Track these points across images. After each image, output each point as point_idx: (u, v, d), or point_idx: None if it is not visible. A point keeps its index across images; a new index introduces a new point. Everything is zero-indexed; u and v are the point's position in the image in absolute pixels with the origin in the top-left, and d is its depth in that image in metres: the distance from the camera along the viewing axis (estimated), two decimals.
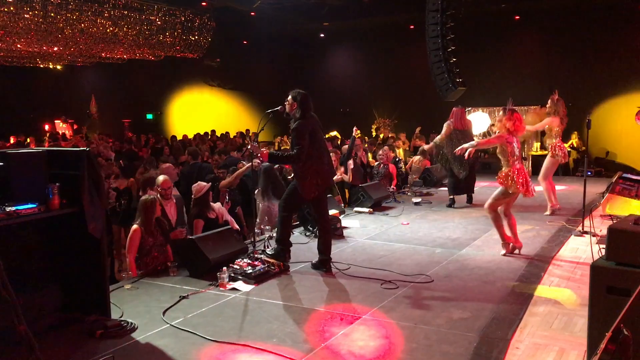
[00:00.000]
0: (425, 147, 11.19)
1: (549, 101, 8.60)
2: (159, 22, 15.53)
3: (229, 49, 19.60)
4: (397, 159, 11.95)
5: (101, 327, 4.38)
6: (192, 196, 6.95)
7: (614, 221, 4.62)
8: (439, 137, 9.79)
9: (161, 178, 6.64)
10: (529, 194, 6.34)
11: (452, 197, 9.66)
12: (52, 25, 13.73)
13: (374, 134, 17.09)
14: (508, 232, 6.54)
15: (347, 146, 10.25)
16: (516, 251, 6.46)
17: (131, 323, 4.53)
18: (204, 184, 6.97)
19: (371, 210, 9.21)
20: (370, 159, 12.01)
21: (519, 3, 14.92)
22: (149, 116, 23.15)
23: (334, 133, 15.70)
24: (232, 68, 20.24)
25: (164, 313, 4.82)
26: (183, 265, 5.95)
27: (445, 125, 9.72)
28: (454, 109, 9.92)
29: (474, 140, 7.77)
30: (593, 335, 3.55)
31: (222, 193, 7.43)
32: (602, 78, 14.74)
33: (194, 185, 7.02)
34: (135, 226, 5.87)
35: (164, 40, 16.26)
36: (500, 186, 6.36)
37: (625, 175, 4.96)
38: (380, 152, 11.22)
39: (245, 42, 19.91)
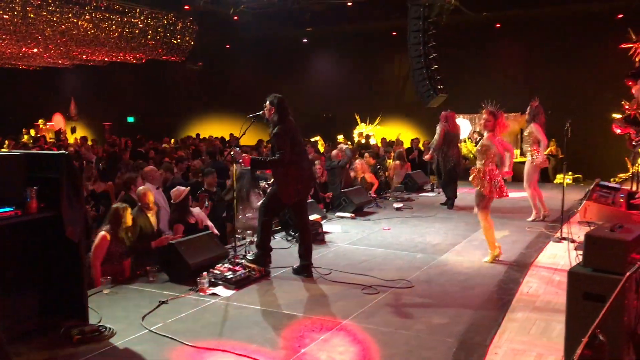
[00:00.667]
0: (426, 157, 11.23)
1: (529, 108, 8.73)
2: (141, 25, 15.44)
3: (211, 53, 19.55)
4: (377, 167, 11.98)
5: (79, 332, 4.32)
6: (171, 201, 6.91)
7: (592, 228, 4.69)
8: (434, 141, 10.04)
9: (141, 191, 6.53)
10: (501, 195, 6.37)
11: (450, 197, 10.06)
12: (32, 27, 13.57)
13: (356, 139, 17.14)
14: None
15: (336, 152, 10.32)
16: (496, 259, 6.48)
17: (109, 328, 4.48)
18: (183, 188, 6.93)
19: (353, 215, 9.24)
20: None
21: (500, 12, 15.10)
22: (130, 119, 22.97)
23: (317, 138, 15.73)
24: (214, 72, 20.18)
25: (143, 318, 4.78)
26: (163, 270, 5.90)
27: (438, 128, 9.97)
28: (444, 113, 10.14)
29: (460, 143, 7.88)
30: (570, 341, 3.59)
31: (201, 198, 7.38)
32: (582, 86, 14.97)
33: (173, 190, 6.98)
34: (103, 232, 5.78)
35: (146, 43, 16.16)
36: (475, 189, 6.42)
37: (602, 183, 5.03)
38: (356, 163, 11.26)
39: (227, 46, 19.88)
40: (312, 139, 15.17)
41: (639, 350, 3.50)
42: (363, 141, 16.27)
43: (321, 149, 13.97)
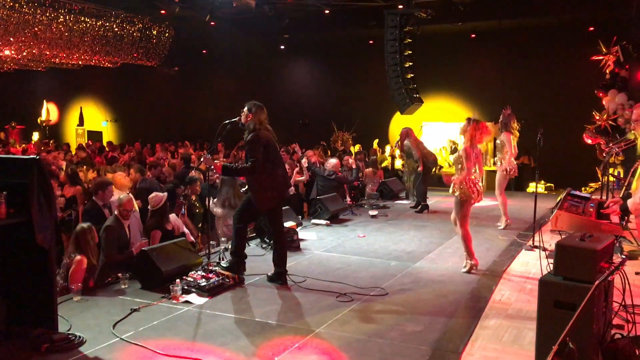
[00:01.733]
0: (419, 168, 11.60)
1: (501, 116, 8.86)
2: (117, 29, 15.29)
3: (187, 58, 19.43)
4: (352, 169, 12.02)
5: (47, 340, 4.22)
6: (149, 207, 6.82)
7: (562, 237, 4.76)
8: (416, 156, 10.65)
9: (124, 198, 6.40)
10: (477, 199, 6.44)
11: (425, 203, 10.49)
12: (3, 29, 13.33)
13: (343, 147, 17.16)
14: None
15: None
16: (474, 269, 6.52)
17: (79, 337, 4.40)
18: (162, 194, 6.85)
19: (329, 222, 9.24)
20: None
21: (475, 22, 15.31)
22: (104, 123, 22.70)
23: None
24: (191, 77, 20.06)
25: (114, 326, 4.70)
26: (135, 277, 5.82)
27: (410, 144, 10.73)
28: (406, 129, 10.75)
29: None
30: (541, 348, 3.64)
31: (178, 204, 7.32)
32: (554, 97, 15.23)
33: (151, 196, 6.89)
34: (78, 257, 5.66)
35: (121, 47, 16.00)
36: (454, 197, 6.46)
37: (573, 192, 5.12)
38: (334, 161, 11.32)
39: (204, 51, 19.78)
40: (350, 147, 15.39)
41: (607, 358, 3.55)
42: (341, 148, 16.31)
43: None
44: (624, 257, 6.08)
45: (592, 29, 14.35)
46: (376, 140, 15.78)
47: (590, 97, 12.72)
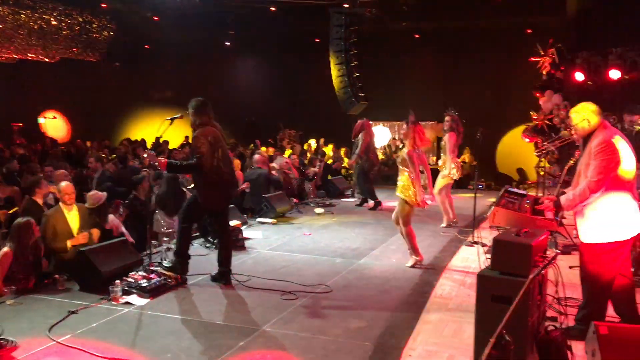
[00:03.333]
0: (350, 161, 11.62)
1: (447, 117, 9.01)
2: (54, 22, 14.72)
3: (129, 54, 18.93)
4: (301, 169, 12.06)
5: None
6: (87, 205, 6.61)
7: (500, 232, 4.90)
8: (359, 149, 10.62)
9: (63, 184, 6.23)
10: (422, 204, 6.56)
11: (378, 200, 10.65)
12: None
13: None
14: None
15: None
16: (418, 264, 6.63)
17: (11, 341, 4.22)
18: (101, 193, 6.66)
19: (275, 221, 9.21)
20: None
21: (419, 22, 15.57)
22: (41, 120, 21.80)
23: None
24: (133, 73, 19.56)
25: (49, 329, 4.55)
26: (73, 278, 5.65)
27: (361, 137, 10.62)
28: (362, 121, 10.61)
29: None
30: (479, 341, 3.73)
31: (116, 204, 7.12)
32: (494, 97, 15.66)
33: (90, 194, 6.69)
34: (6, 249, 5.44)
35: (59, 41, 15.42)
36: (399, 198, 6.55)
37: (510, 189, 5.28)
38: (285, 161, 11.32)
39: (147, 47, 19.33)
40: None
41: (541, 349, 3.68)
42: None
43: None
44: (558, 251, 6.34)
45: (529, 31, 14.84)
46: (322, 139, 15.85)
47: (528, 97, 13.14)
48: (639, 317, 4.52)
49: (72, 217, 6.10)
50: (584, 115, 4.38)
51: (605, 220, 4.25)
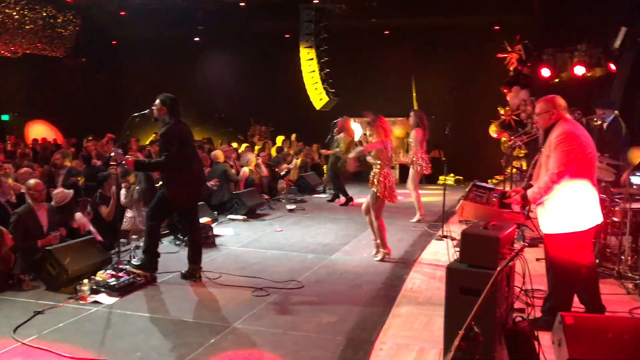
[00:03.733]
0: (323, 151, 11.70)
1: (411, 113, 9.09)
2: (17, 17, 14.34)
3: (96, 49, 18.58)
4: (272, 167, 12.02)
5: None
6: (53, 204, 6.48)
7: (468, 225, 4.97)
8: (342, 146, 10.63)
9: (32, 181, 6.09)
10: (393, 199, 6.61)
11: (349, 197, 10.71)
12: None
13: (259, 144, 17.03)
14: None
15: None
16: (387, 257, 6.69)
17: None
18: (67, 191, 6.53)
19: (245, 217, 9.17)
20: None
21: (388, 19, 15.64)
22: (5, 117, 21.28)
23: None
24: (99, 69, 19.21)
25: (14, 330, 4.44)
26: (38, 277, 5.53)
27: (344, 136, 10.70)
28: (343, 120, 10.69)
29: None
30: (449, 333, 3.77)
31: (83, 202, 6.99)
32: (462, 93, 15.83)
33: (56, 192, 6.55)
34: None
35: (22, 36, 15.03)
36: (371, 190, 6.59)
37: (478, 183, 5.34)
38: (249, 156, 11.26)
39: (114, 42, 19.00)
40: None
41: (509, 340, 3.74)
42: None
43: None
44: (525, 244, 6.45)
45: (497, 28, 15.04)
46: (294, 135, 15.80)
47: (496, 93, 13.32)
48: (603, 307, 4.64)
49: (42, 215, 5.97)
50: (551, 106, 4.47)
51: (564, 210, 4.34)
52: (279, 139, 15.27)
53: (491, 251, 3.64)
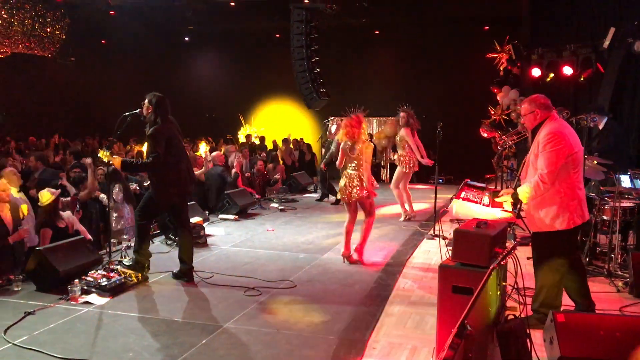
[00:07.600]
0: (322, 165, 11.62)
1: (400, 113, 9.10)
2: (5, 16, 14.22)
3: (85, 49, 18.46)
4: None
5: None
6: (39, 204, 6.42)
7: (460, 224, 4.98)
8: (334, 148, 10.39)
9: None
10: (371, 195, 6.57)
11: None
12: None
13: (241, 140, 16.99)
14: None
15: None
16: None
17: None
18: (54, 190, 6.47)
19: (237, 217, 9.15)
20: None
21: (379, 18, 15.67)
22: None
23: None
24: (89, 69, 19.08)
25: (5, 331, 4.41)
26: (29, 278, 5.48)
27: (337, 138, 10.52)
28: (341, 121, 10.73)
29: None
30: (441, 332, 3.78)
31: (72, 200, 6.94)
32: (453, 92, 15.88)
33: (43, 191, 6.49)
34: None
35: (10, 36, 14.89)
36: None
37: (470, 182, 5.37)
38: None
39: (103, 41, 18.89)
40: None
41: (501, 338, 3.76)
42: (258, 142, 16.16)
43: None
44: (516, 242, 6.48)
45: (487, 28, 15.11)
46: (289, 133, 15.78)
47: (486, 92, 13.38)
48: (592, 304, 4.67)
49: (5, 215, 5.90)
50: (534, 106, 4.49)
51: (550, 209, 4.36)
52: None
53: (483, 250, 3.66)
